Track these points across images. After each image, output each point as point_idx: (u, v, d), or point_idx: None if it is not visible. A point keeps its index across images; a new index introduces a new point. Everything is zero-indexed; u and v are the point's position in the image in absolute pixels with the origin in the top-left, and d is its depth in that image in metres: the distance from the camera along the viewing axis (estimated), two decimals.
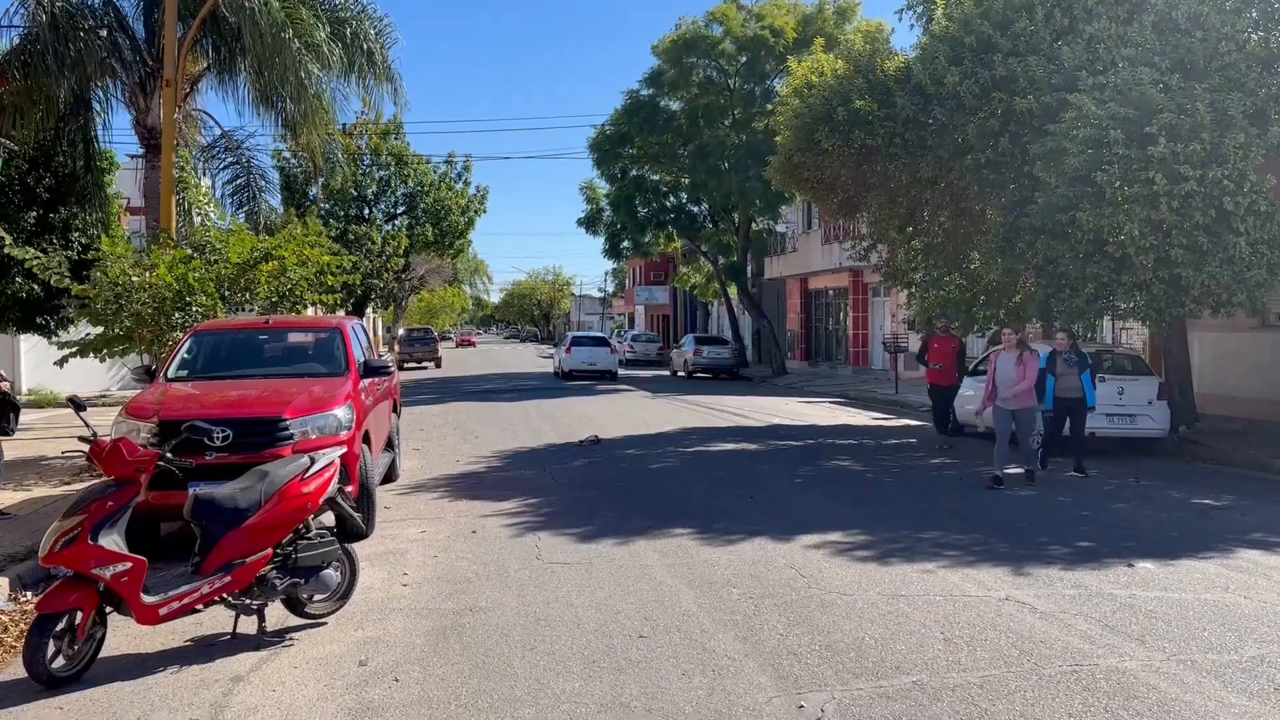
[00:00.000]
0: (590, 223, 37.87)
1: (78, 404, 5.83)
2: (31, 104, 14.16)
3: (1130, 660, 5.21)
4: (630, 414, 19.67)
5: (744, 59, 31.10)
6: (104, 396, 21.91)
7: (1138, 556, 7.48)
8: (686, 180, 33.28)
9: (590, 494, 10.52)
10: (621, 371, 35.87)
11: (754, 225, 35.89)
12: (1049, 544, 7.95)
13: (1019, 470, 11.23)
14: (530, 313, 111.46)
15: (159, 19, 14.57)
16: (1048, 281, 12.99)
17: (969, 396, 15.47)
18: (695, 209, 36.05)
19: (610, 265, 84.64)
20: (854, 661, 5.20)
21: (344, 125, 29.04)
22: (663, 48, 31.16)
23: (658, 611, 6.12)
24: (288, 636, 5.72)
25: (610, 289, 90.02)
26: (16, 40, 14.11)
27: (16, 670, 5.17)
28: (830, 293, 37.37)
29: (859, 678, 4.97)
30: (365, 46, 15.92)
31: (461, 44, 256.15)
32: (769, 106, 29.29)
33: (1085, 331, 16.92)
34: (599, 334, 39.33)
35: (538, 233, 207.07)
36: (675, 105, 33.02)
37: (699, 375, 33.60)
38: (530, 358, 56.61)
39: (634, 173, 34.10)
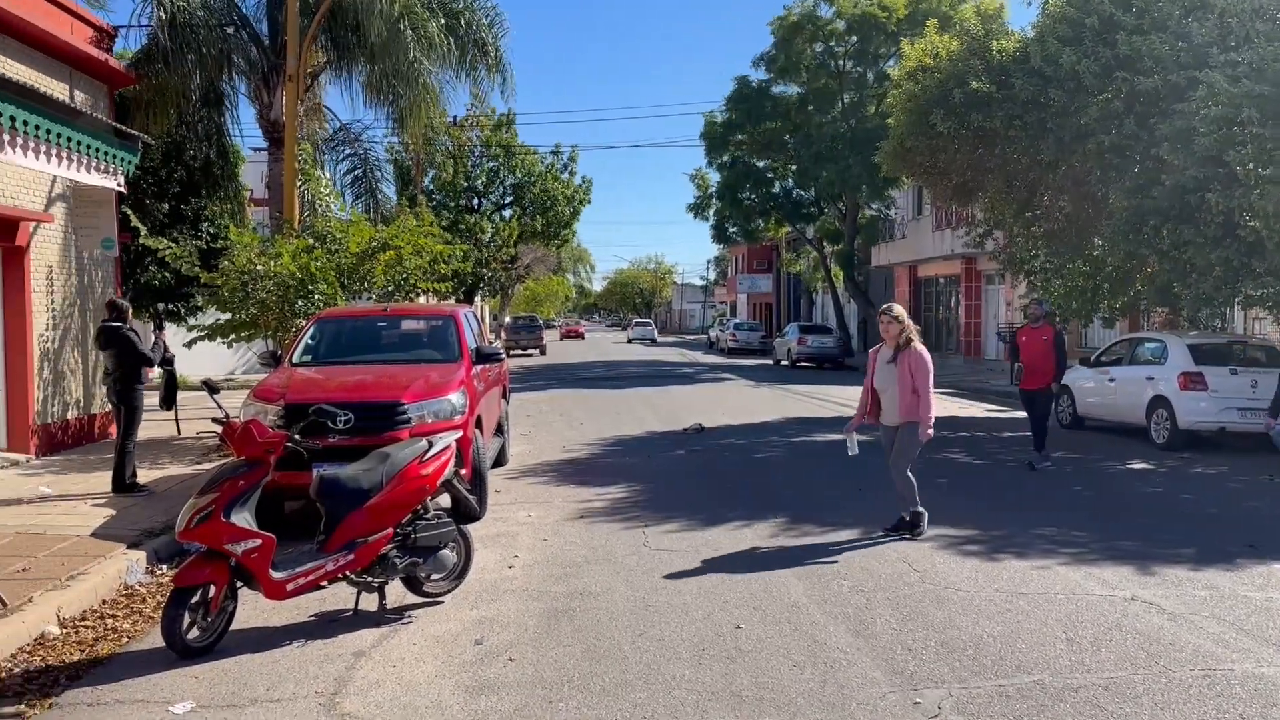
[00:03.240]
0: (699, 209, 37.82)
1: (212, 387, 6.11)
2: (164, 100, 14.88)
3: (1268, 666, 4.94)
4: (733, 402, 19.59)
5: (854, 39, 30.55)
6: (229, 380, 22.95)
7: (1274, 557, 7.09)
8: (794, 167, 32.91)
9: (695, 482, 10.53)
10: (724, 360, 35.78)
11: (862, 211, 35.26)
12: (1176, 542, 7.61)
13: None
14: (632, 301, 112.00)
15: (281, 17, 15.10)
16: (1172, 266, 12.40)
17: (1089, 388, 14.91)
18: (802, 195, 35.62)
19: (713, 253, 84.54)
20: (971, 659, 5.07)
21: (454, 118, 29.66)
22: (775, 31, 30.86)
23: (766, 602, 6.08)
24: (406, 614, 5.90)
25: (712, 277, 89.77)
26: (146, 40, 14.81)
27: (154, 640, 5.46)
28: (941, 280, 36.45)
29: (977, 675, 4.85)
30: (478, 37, 16.20)
31: (566, 34, 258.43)
32: (880, 90, 28.73)
33: (1213, 320, 16.05)
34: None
35: (641, 221, 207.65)
36: (785, 91, 32.67)
37: (803, 364, 33.25)
38: (634, 346, 56.95)
39: (742, 160, 33.89)
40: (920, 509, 7.84)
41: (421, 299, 16.06)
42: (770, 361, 36.32)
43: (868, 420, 8.16)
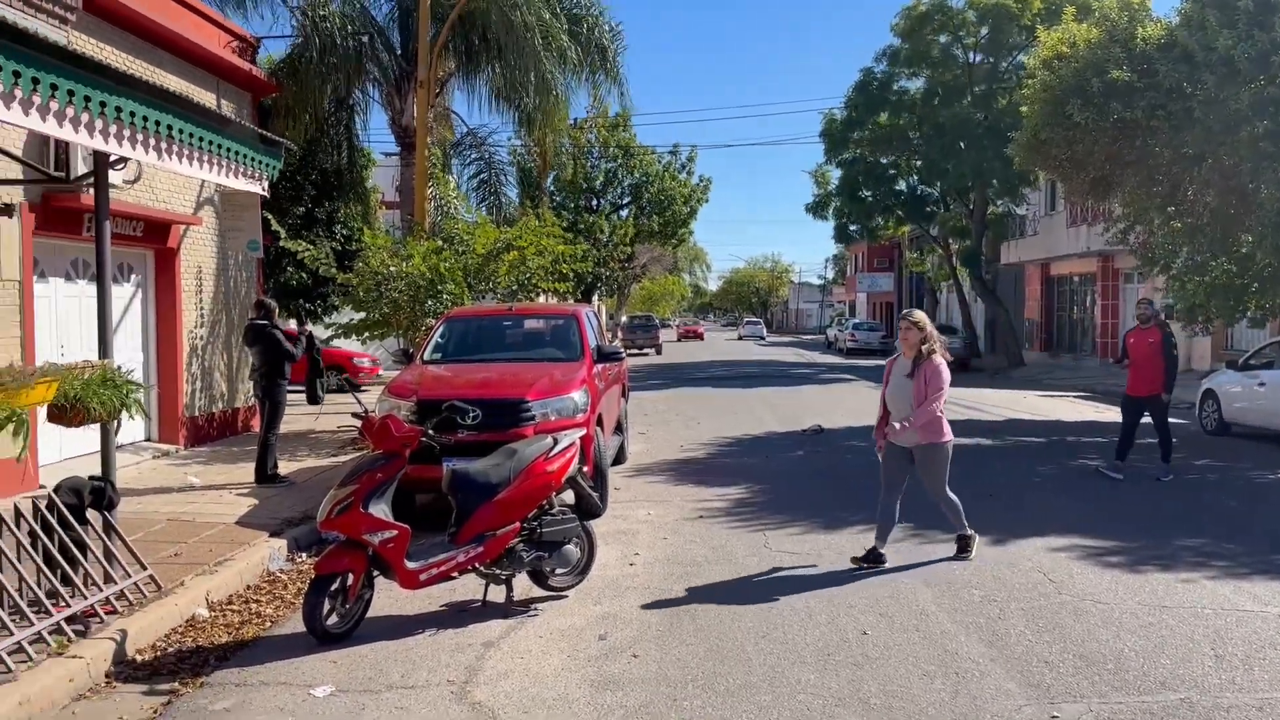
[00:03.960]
0: (818, 208, 37.32)
1: (352, 384, 6.38)
2: (301, 107, 15.55)
3: None
4: (853, 404, 19.25)
5: (985, 30, 29.60)
6: (347, 376, 23.83)
7: None
8: (918, 162, 32.13)
9: (815, 484, 10.39)
10: (842, 361, 35.17)
11: (991, 208, 34.16)
12: None
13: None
14: (747, 300, 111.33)
15: (413, 25, 15.59)
16: None
17: (1236, 393, 14.08)
18: (927, 192, 34.73)
19: (831, 252, 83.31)
20: (1112, 674, 4.85)
21: (574, 120, 30.04)
22: (900, 23, 30.19)
23: (893, 608, 5.95)
24: (532, 607, 6.01)
25: (830, 276, 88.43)
26: (287, 50, 15.52)
27: (295, 625, 5.72)
28: (1075, 279, 34.97)
29: (1118, 691, 4.64)
30: (599, 41, 16.39)
31: (685, 34, 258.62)
32: (1012, 81, 27.77)
33: None
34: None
35: (758, 220, 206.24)
36: (910, 85, 31.92)
37: None
38: (750, 345, 56.63)
39: (863, 156, 33.28)
40: (969, 532, 7.08)
41: (540, 298, 16.35)
42: None
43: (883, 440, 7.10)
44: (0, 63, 4.33)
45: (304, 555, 7.47)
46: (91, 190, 9.04)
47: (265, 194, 7.66)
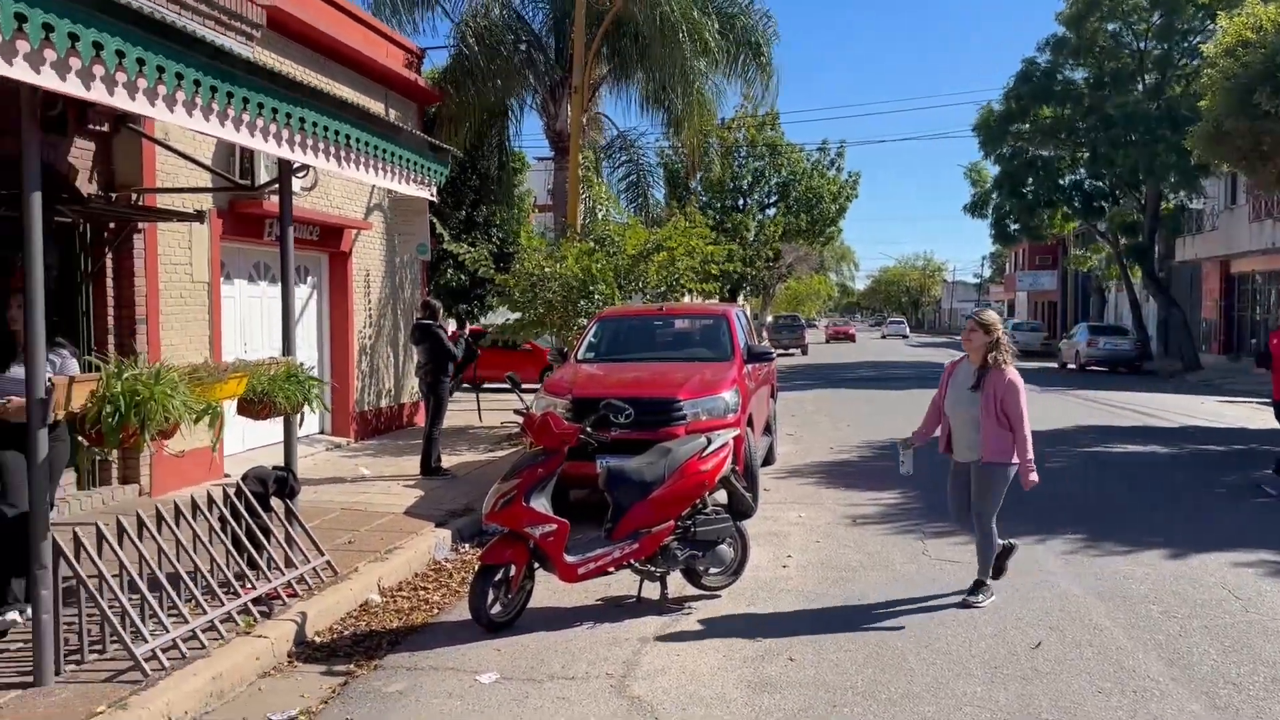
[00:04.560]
0: (976, 207, 35.99)
1: (515, 382, 6.57)
2: (462, 115, 16.14)
3: None
4: None
5: (1157, 16, 27.93)
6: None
7: None
8: (1085, 155, 30.56)
9: None
10: None
11: (1164, 202, 32.16)
12: None
13: None
14: (897, 300, 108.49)
15: (567, 32, 15.93)
16: None
17: None
18: (1094, 186, 32.99)
19: (987, 249, 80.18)
20: None
21: (722, 119, 29.99)
22: (1067, 12, 28.82)
23: (1064, 622, 5.69)
24: (686, 605, 6.04)
25: (987, 274, 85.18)
26: (450, 61, 16.12)
27: (460, 613, 5.93)
28: (1258, 277, 32.52)
29: None
30: (749, 40, 16.32)
31: (832, 30, 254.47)
32: (1189, 69, 26.10)
33: None
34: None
35: (908, 216, 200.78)
36: (1075, 76, 30.42)
37: (1092, 368, 30.81)
38: (898, 344, 55.21)
39: (1026, 151, 31.91)
40: (988, 579, 6.12)
41: (686, 298, 16.41)
42: (1055, 365, 33.96)
43: (917, 445, 6.48)
44: (200, 78, 4.67)
45: (466, 546, 7.75)
46: (273, 197, 9.63)
47: (434, 199, 7.97)
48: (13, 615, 4.90)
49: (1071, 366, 31.88)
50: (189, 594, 5.22)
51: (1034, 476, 5.88)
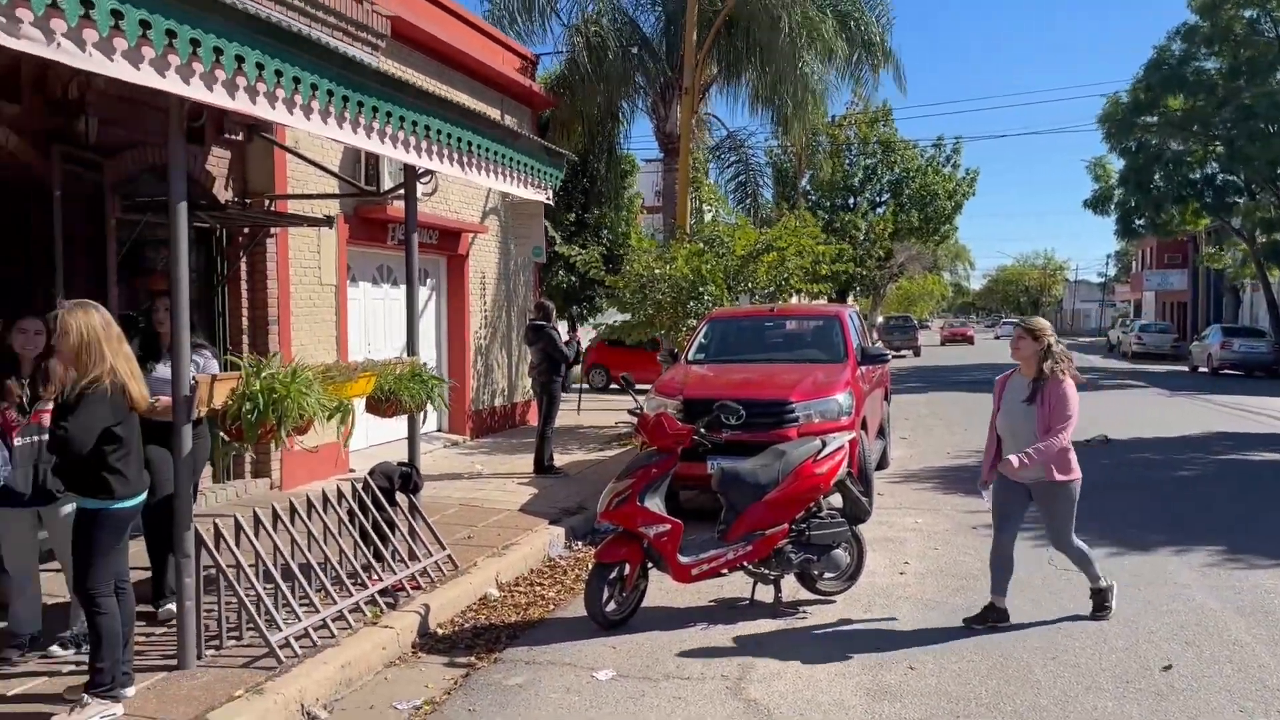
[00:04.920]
0: (1098, 203, 34.56)
1: (629, 382, 6.63)
2: (574, 119, 16.36)
3: None
4: (1143, 413, 17.70)
5: None
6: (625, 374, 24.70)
7: None
8: (1218, 148, 29.03)
9: (1104, 499, 9.61)
10: (1126, 365, 32.45)
11: None
12: None
13: None
14: (1015, 300, 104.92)
15: (678, 34, 15.98)
16: None
17: None
18: (1227, 180, 31.29)
19: (1112, 247, 77.02)
20: None
21: (833, 117, 29.62)
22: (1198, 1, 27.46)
23: (1200, 637, 5.42)
24: (800, 609, 5.99)
25: (1112, 273, 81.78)
26: (563, 66, 16.35)
27: (575, 610, 6.02)
28: None
29: None
30: (865, 37, 16.07)
31: (947, 24, 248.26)
32: None
33: None
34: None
35: (1027, 213, 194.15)
36: (1208, 65, 28.93)
37: (1226, 372, 29.25)
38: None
39: (1154, 143, 30.49)
40: (1104, 583, 5.83)
41: (794, 299, 16.24)
42: (1185, 368, 32.37)
43: (990, 481, 5.89)
44: (333, 88, 4.86)
45: (579, 543, 7.86)
46: (396, 202, 9.98)
47: (550, 203, 8.12)
48: (172, 606, 5.18)
49: (1203, 370, 30.33)
50: (319, 584, 5.45)
51: (1017, 463, 5.36)
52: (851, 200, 40.18)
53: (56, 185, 6.82)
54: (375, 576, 5.82)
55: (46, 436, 4.64)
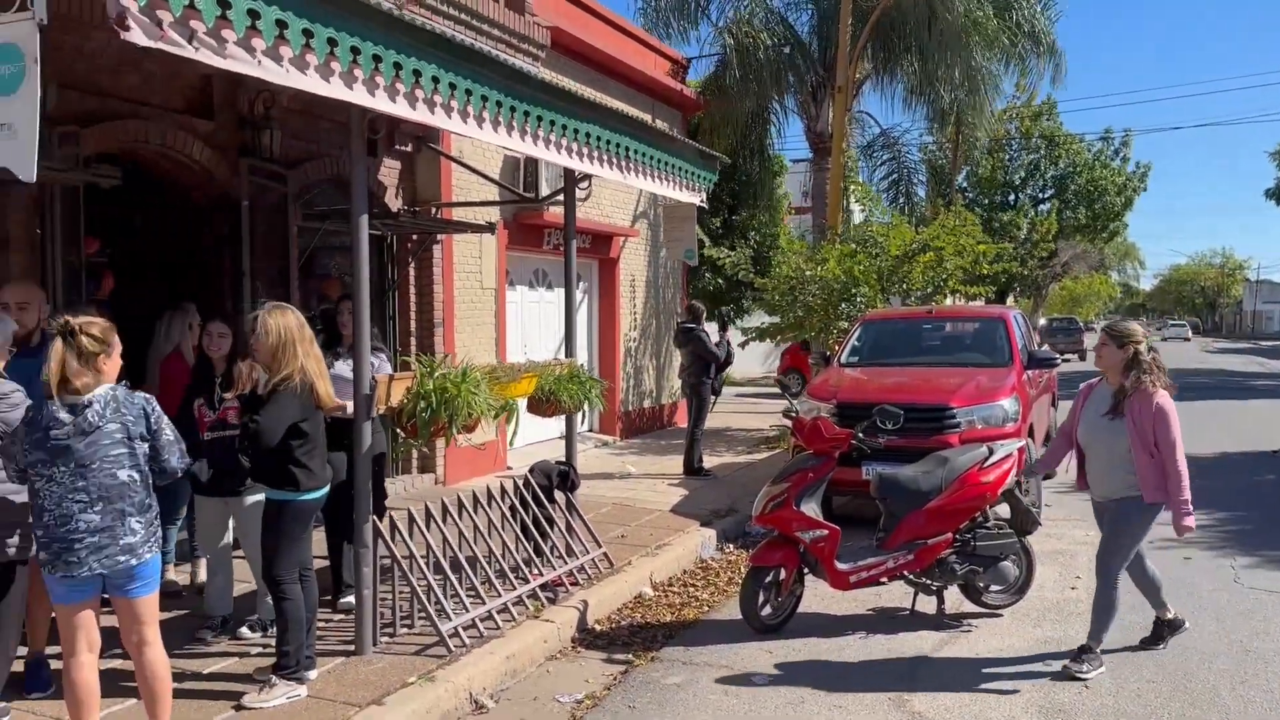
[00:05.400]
0: None
1: (785, 386, 6.60)
2: (723, 121, 16.33)
3: None
4: None
5: None
6: (765, 377, 24.56)
7: None
8: None
9: None
10: None
11: None
12: None
13: None
14: (1190, 301, 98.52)
15: (831, 32, 15.76)
16: None
17: None
18: None
19: None
20: None
21: (994, 111, 28.55)
22: None
23: None
24: (965, 622, 5.80)
25: None
26: (714, 68, 16.37)
27: (729, 612, 6.02)
28: None
29: None
30: (1028, 28, 15.44)
31: (1116, 12, 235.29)
32: None
33: None
34: None
35: (1203, 209, 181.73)
36: None
37: None
38: (1189, 350, 50.17)
39: None
40: (1171, 614, 5.33)
41: (948, 300, 15.72)
42: None
43: (1039, 473, 5.64)
44: (501, 99, 5.03)
45: (731, 546, 7.84)
46: (553, 208, 10.24)
47: (705, 205, 8.15)
48: (350, 599, 5.45)
49: None
50: (483, 576, 5.63)
51: (1190, 521, 4.94)
52: (1013, 197, 38.63)
53: (244, 196, 7.30)
54: (535, 571, 5.97)
55: (226, 431, 5.00)
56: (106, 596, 3.72)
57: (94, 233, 6.50)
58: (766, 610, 5.69)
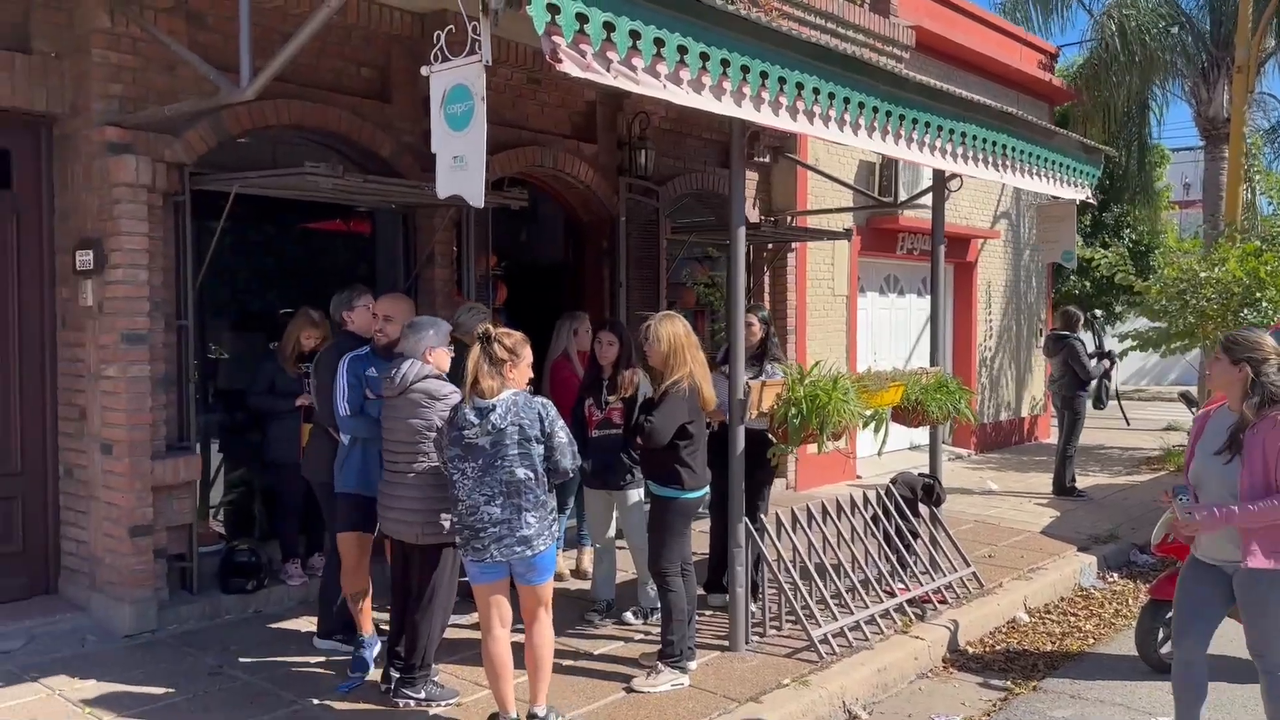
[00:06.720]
0: None
1: (1189, 399, 5.95)
2: (1095, 111, 15.05)
3: None
4: None
5: None
6: (1139, 391, 22.30)
7: None
8: None
9: None
10: None
11: None
12: None
13: None
14: None
15: (1226, 6, 14.05)
16: None
17: None
18: None
19: None
20: None
21: None
22: None
23: None
24: None
25: None
26: (1088, 55, 15.16)
27: (1118, 646, 5.54)
28: None
29: None
30: None
31: None
32: None
33: None
34: None
35: None
36: None
37: None
38: None
39: None
40: None
41: None
42: None
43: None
44: (878, 104, 5.00)
45: (1115, 575, 7.20)
46: (906, 213, 10.03)
47: (1093, 200, 7.57)
48: (722, 597, 5.61)
49: None
50: (848, 584, 5.58)
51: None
52: None
53: (621, 213, 7.81)
54: (901, 585, 5.83)
55: (611, 430, 5.36)
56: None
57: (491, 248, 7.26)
58: (1167, 648, 5.14)
